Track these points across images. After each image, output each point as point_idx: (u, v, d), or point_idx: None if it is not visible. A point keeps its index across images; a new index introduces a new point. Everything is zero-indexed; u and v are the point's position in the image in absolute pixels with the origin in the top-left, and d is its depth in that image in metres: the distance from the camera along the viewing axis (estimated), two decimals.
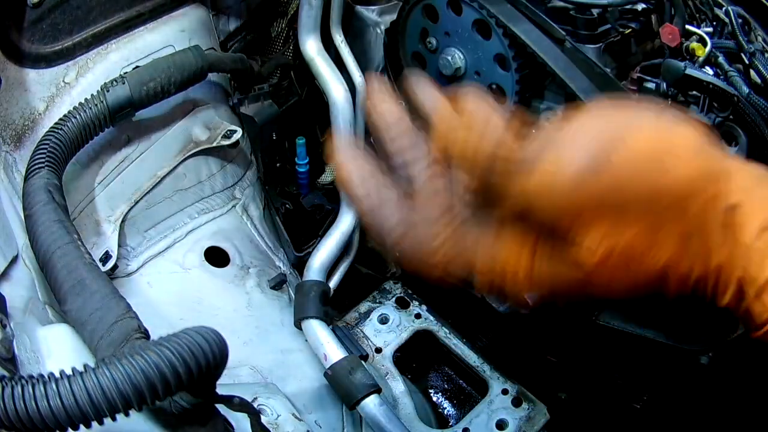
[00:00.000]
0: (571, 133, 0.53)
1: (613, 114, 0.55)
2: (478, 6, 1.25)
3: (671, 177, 0.51)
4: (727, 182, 0.52)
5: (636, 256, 0.54)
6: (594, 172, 0.51)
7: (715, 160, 0.53)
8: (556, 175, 0.51)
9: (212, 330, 0.72)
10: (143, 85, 1.15)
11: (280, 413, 1.08)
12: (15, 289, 0.96)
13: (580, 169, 0.51)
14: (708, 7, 1.25)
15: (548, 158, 0.52)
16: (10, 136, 1.15)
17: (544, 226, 0.54)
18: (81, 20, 1.17)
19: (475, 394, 1.38)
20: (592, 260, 0.53)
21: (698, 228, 0.53)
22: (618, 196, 0.52)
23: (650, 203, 0.52)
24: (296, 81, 1.58)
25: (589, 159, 0.51)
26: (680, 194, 0.52)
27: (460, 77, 1.38)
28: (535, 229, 0.55)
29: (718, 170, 0.53)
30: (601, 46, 1.22)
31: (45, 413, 0.59)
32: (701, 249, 0.53)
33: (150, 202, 1.33)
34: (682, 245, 0.53)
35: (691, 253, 0.53)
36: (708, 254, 0.53)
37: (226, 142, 1.33)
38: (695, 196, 0.52)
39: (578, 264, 0.54)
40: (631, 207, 0.52)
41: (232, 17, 1.46)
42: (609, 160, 0.51)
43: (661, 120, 0.55)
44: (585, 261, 0.53)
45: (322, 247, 1.36)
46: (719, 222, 0.52)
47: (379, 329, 1.40)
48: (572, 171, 0.51)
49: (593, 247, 0.53)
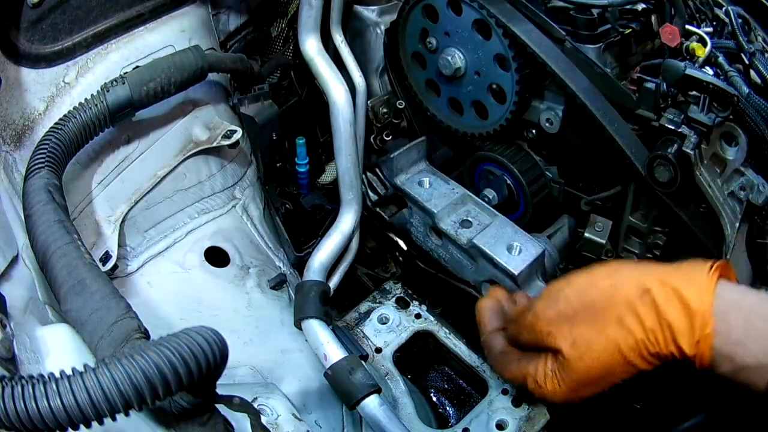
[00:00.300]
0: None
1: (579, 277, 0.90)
2: (478, 6, 1.25)
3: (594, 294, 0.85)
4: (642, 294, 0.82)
5: (598, 350, 0.83)
6: (555, 300, 0.89)
7: (627, 282, 0.83)
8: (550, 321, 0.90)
9: (212, 330, 0.72)
10: (143, 85, 1.15)
11: (280, 413, 1.08)
12: (15, 289, 0.96)
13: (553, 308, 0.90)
14: (708, 7, 1.25)
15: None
16: (10, 136, 1.15)
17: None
18: (81, 20, 1.17)
19: (475, 394, 1.37)
20: (573, 359, 0.86)
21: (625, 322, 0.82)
22: (569, 311, 0.87)
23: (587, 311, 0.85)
24: (296, 81, 1.58)
25: (554, 298, 0.89)
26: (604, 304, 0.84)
27: (460, 77, 1.38)
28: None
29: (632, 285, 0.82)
30: (601, 46, 1.22)
31: (45, 413, 0.59)
32: (641, 334, 0.81)
33: (150, 202, 1.33)
34: (625, 333, 0.81)
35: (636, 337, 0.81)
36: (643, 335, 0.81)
37: (226, 142, 1.33)
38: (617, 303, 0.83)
39: (564, 367, 0.88)
40: (578, 317, 0.86)
41: (232, 17, 1.47)
42: (561, 295, 0.89)
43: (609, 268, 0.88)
44: (569, 362, 0.87)
45: (322, 247, 1.36)
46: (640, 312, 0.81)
47: (379, 329, 1.40)
48: (551, 312, 0.90)
49: (566, 348, 0.86)
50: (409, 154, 1.42)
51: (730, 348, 0.76)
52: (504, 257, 1.21)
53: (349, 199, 1.37)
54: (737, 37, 1.17)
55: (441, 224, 1.31)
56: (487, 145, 1.45)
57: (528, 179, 1.40)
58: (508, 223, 1.29)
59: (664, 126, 1.12)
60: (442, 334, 1.40)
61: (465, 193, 1.36)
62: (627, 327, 0.81)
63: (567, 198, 1.42)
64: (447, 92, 1.45)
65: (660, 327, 0.79)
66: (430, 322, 1.42)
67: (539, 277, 1.24)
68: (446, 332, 1.40)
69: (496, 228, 1.28)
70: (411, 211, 1.40)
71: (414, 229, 1.41)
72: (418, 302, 1.46)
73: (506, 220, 1.30)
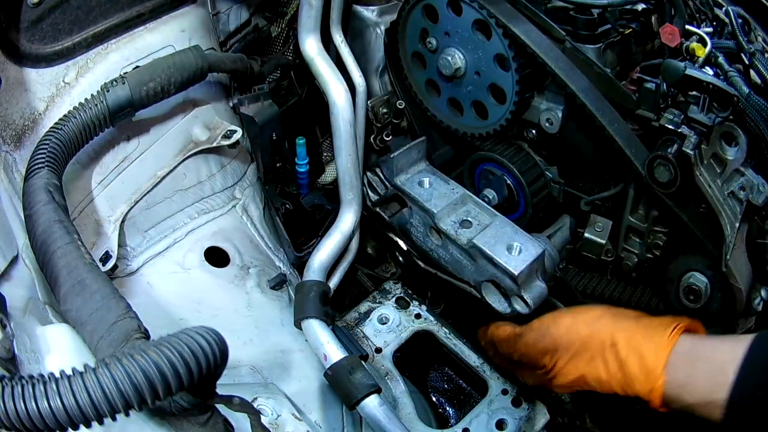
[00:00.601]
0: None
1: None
2: (478, 6, 1.25)
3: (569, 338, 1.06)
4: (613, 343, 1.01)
5: (571, 378, 1.06)
6: (542, 336, 1.10)
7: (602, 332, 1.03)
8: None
9: (212, 330, 0.72)
10: (143, 86, 1.15)
11: (280, 413, 1.08)
12: (15, 289, 0.96)
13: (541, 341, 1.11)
14: (708, 7, 1.25)
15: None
16: (10, 136, 1.15)
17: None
18: (81, 20, 1.17)
19: (475, 394, 1.38)
20: (552, 379, 1.10)
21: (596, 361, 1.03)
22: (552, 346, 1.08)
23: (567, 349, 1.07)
24: (296, 81, 1.58)
25: (542, 334, 1.11)
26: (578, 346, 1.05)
27: (460, 77, 1.38)
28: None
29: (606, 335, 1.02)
30: (601, 46, 1.22)
31: (45, 413, 0.59)
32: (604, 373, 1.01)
33: (150, 202, 1.33)
34: (593, 369, 1.03)
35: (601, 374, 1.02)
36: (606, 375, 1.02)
37: (226, 142, 1.33)
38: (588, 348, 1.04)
39: (544, 382, 1.13)
40: (559, 351, 1.08)
41: (232, 17, 1.47)
42: (548, 333, 1.10)
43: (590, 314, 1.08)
44: (548, 380, 1.11)
45: (322, 247, 1.36)
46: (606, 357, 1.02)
47: (379, 329, 1.40)
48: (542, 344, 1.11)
49: (556, 375, 1.09)
50: (409, 154, 1.42)
51: (677, 391, 0.94)
52: (504, 257, 1.21)
53: (349, 199, 1.37)
54: (737, 37, 1.17)
55: (441, 224, 1.31)
56: (487, 145, 1.45)
57: (528, 179, 1.40)
58: (508, 223, 1.29)
59: (664, 126, 1.12)
60: (442, 334, 1.40)
61: (465, 193, 1.36)
62: (594, 367, 1.03)
63: (567, 198, 1.42)
64: (447, 92, 1.45)
65: (621, 374, 0.99)
66: (430, 322, 1.42)
67: (539, 277, 1.24)
68: (446, 332, 1.40)
69: (496, 228, 1.28)
70: (411, 211, 1.40)
71: (414, 229, 1.41)
72: (418, 302, 1.46)
73: (506, 220, 1.30)
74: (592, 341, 1.03)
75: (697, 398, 0.91)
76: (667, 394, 0.95)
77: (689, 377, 0.93)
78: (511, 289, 1.22)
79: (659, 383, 0.95)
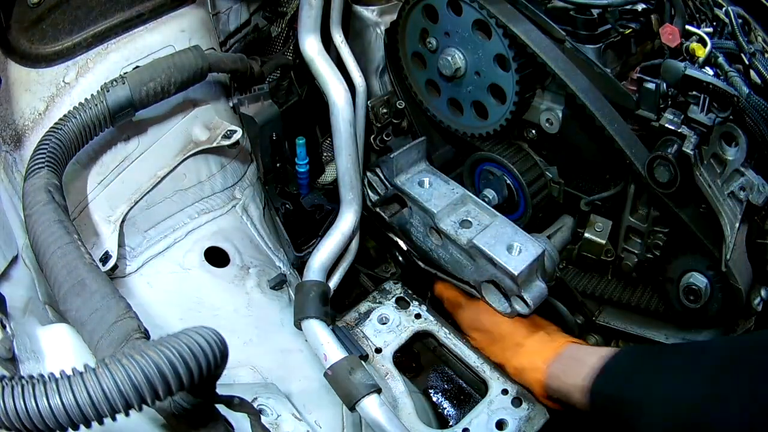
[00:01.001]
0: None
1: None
2: (478, 6, 1.25)
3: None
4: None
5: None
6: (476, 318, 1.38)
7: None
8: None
9: (212, 330, 0.72)
10: (143, 86, 1.15)
11: (280, 413, 1.08)
12: (15, 289, 0.96)
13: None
14: (708, 8, 1.25)
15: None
16: (10, 136, 1.15)
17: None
18: (81, 20, 1.17)
19: (475, 394, 1.37)
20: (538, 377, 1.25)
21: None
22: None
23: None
24: (296, 81, 1.58)
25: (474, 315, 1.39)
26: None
27: (460, 77, 1.38)
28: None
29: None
30: (601, 46, 1.22)
31: (45, 413, 0.59)
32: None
33: (150, 202, 1.33)
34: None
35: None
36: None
37: (226, 142, 1.33)
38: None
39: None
40: (485, 335, 1.36)
41: (232, 17, 1.47)
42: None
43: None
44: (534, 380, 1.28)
45: (322, 247, 1.35)
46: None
47: (379, 329, 1.40)
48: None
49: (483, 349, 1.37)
50: (409, 154, 1.42)
51: (555, 382, 1.19)
52: (504, 257, 1.21)
53: (349, 199, 1.37)
54: (737, 38, 1.17)
55: (441, 224, 1.31)
56: (487, 145, 1.45)
57: (528, 179, 1.40)
58: (508, 223, 1.29)
59: (664, 126, 1.12)
60: (442, 334, 1.40)
61: (465, 193, 1.36)
62: (504, 356, 1.32)
63: (567, 198, 1.42)
64: (447, 92, 1.45)
65: (518, 365, 1.28)
66: (430, 322, 1.42)
67: (539, 277, 1.24)
68: (446, 332, 1.40)
69: (496, 228, 1.28)
70: (411, 211, 1.40)
71: (414, 229, 1.41)
72: (418, 302, 1.46)
73: (506, 220, 1.30)
74: (507, 338, 1.31)
75: (569, 386, 1.15)
76: (548, 384, 1.21)
77: (564, 372, 1.18)
78: (511, 289, 1.22)
79: (542, 375, 1.22)
